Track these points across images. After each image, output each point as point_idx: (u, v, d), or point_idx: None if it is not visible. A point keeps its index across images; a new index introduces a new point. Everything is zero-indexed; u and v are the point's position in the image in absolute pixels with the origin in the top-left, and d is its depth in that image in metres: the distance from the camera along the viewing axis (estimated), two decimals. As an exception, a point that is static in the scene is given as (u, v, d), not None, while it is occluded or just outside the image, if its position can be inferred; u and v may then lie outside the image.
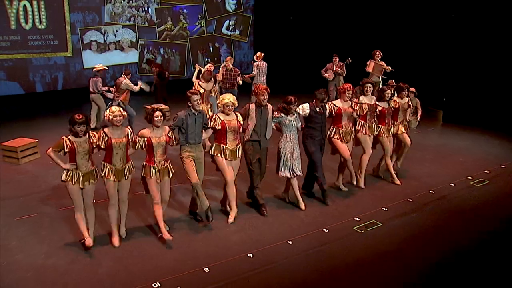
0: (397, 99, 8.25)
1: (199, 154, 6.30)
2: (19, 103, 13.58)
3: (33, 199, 7.15)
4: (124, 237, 6.00)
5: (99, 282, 5.07)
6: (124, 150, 5.77)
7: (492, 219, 6.94)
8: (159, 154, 5.91)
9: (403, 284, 5.28)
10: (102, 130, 5.72)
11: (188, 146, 6.18)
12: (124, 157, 5.78)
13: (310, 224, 6.54)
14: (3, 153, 8.88)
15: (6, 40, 13.49)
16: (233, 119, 6.43)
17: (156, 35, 16.24)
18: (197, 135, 6.20)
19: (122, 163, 5.76)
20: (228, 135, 6.40)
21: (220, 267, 5.39)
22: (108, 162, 5.73)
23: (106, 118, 5.72)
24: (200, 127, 6.25)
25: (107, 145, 5.65)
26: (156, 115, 5.83)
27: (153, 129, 5.89)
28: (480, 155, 9.83)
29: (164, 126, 6.02)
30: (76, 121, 5.39)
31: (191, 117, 6.14)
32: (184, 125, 6.11)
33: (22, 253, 5.63)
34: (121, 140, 5.70)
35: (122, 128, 5.77)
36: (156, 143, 5.85)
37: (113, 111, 5.68)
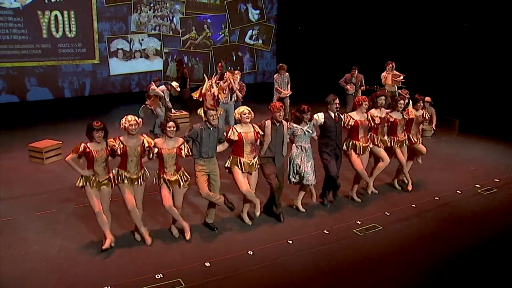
0: (413, 111, 8.23)
1: (212, 167, 6.35)
2: (48, 108, 14.21)
3: (53, 196, 7.60)
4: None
5: (107, 272, 5.46)
6: (138, 158, 5.94)
7: (494, 227, 7.00)
8: (169, 165, 6.06)
9: (397, 286, 5.47)
10: (118, 138, 5.89)
11: (201, 160, 6.26)
12: (138, 164, 5.96)
13: (312, 225, 6.79)
14: (30, 154, 9.41)
15: (38, 48, 14.19)
16: (250, 131, 6.48)
17: (181, 44, 16.75)
18: (210, 149, 6.28)
19: (136, 170, 5.97)
20: (245, 147, 6.45)
21: (220, 262, 5.71)
22: (123, 169, 5.94)
23: (121, 127, 5.86)
24: (215, 141, 6.33)
25: (122, 151, 5.84)
26: (169, 125, 5.96)
27: (165, 139, 6.05)
28: (491, 164, 9.84)
29: (178, 138, 6.14)
30: (94, 128, 5.59)
31: (206, 131, 6.22)
32: (198, 138, 6.20)
33: (38, 244, 6.07)
34: (136, 147, 5.90)
35: (138, 136, 5.94)
36: (167, 154, 6.00)
37: (129, 119, 5.83)
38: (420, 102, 8.30)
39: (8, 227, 6.54)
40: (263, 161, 6.73)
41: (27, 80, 14.12)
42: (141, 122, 5.98)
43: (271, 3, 18.49)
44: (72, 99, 14.88)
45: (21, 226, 6.58)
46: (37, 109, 13.96)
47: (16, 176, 8.53)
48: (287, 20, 18.43)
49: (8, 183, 8.13)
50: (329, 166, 7.16)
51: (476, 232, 6.83)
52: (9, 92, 13.93)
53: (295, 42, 17.97)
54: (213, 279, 5.37)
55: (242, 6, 17.83)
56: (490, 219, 7.28)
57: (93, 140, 5.67)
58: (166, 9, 16.25)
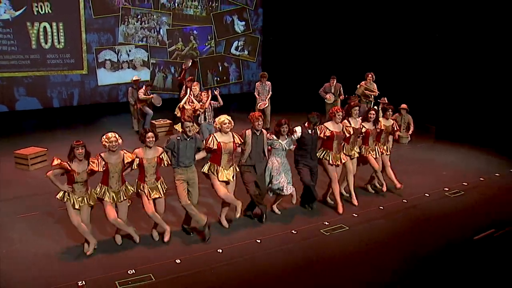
0: (382, 120, 8.50)
1: (190, 175, 6.56)
2: (37, 117, 14.50)
3: (36, 200, 7.93)
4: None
5: (82, 268, 5.81)
6: (119, 174, 6.14)
7: (458, 228, 7.32)
8: (149, 174, 6.29)
9: (359, 284, 5.77)
10: (99, 155, 6.05)
11: (180, 168, 6.49)
12: (119, 179, 6.17)
13: (281, 226, 7.15)
14: (16, 160, 9.73)
15: (27, 58, 14.50)
16: (230, 141, 6.71)
17: (167, 55, 17.13)
18: (187, 159, 6.49)
19: (118, 186, 6.18)
20: (223, 156, 6.67)
21: (190, 259, 6.06)
22: (105, 185, 6.14)
23: (102, 144, 6.05)
24: (192, 151, 6.54)
25: (104, 169, 6.02)
26: (148, 136, 6.20)
27: (145, 149, 6.27)
28: (463, 168, 10.21)
29: (157, 147, 6.37)
30: (74, 146, 5.78)
31: (183, 142, 6.45)
32: (175, 149, 6.42)
33: (20, 243, 6.42)
34: (117, 164, 6.09)
35: (118, 153, 6.13)
36: (147, 164, 6.24)
37: (109, 137, 6.00)
38: (389, 111, 8.61)
39: None
40: (244, 169, 7.00)
41: (16, 90, 14.43)
42: (121, 140, 6.17)
43: (257, 15, 18.92)
44: (60, 109, 15.17)
45: (4, 227, 6.91)
46: (26, 118, 14.27)
47: (1, 181, 8.85)
48: (272, 31, 18.85)
49: None
50: (303, 173, 7.43)
51: (440, 233, 7.15)
52: (-2, 102, 14.25)
53: (280, 53, 18.39)
54: (182, 275, 5.72)
55: (228, 18, 18.26)
56: (455, 221, 7.62)
57: (75, 159, 5.85)
58: (153, 21, 16.65)
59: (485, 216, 7.79)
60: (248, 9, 18.65)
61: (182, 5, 17.17)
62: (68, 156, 5.87)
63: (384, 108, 8.79)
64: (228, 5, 18.18)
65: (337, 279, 5.84)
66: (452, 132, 12.85)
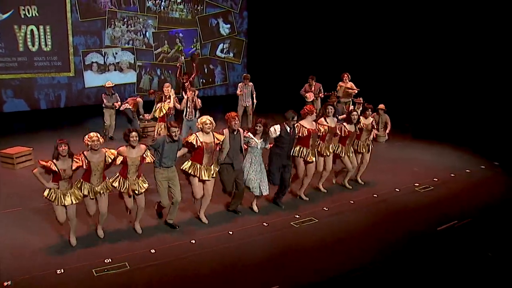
0: (362, 119, 8.84)
1: (171, 175, 6.88)
2: (24, 119, 14.77)
3: (21, 197, 8.23)
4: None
5: (62, 258, 6.15)
6: (101, 172, 6.41)
7: (424, 220, 7.67)
8: (132, 172, 6.58)
9: (324, 272, 6.10)
10: (82, 153, 6.30)
11: (161, 168, 6.80)
12: (101, 177, 6.44)
13: (254, 219, 7.51)
14: (1, 159, 10.04)
15: (14, 61, 14.81)
16: (211, 141, 7.01)
17: (153, 57, 17.47)
18: (170, 160, 6.81)
19: (99, 183, 6.46)
20: (205, 155, 6.97)
21: (164, 249, 6.41)
22: (86, 181, 6.40)
23: (85, 144, 6.32)
24: (175, 153, 6.86)
25: (87, 167, 6.31)
26: (132, 135, 6.44)
27: (129, 148, 6.54)
28: (435, 165, 10.52)
29: (141, 145, 6.64)
30: (58, 144, 6.02)
31: (168, 144, 6.76)
32: (160, 149, 6.72)
33: (3, 236, 6.74)
34: (99, 162, 6.36)
35: (100, 152, 6.39)
36: (131, 162, 6.51)
37: (91, 136, 6.26)
38: (369, 111, 8.98)
39: None
40: (222, 167, 7.32)
41: (3, 92, 14.73)
42: (103, 140, 6.47)
43: (242, 18, 19.31)
44: (47, 111, 15.46)
45: (-11, 223, 7.24)
46: (13, 120, 14.55)
47: (-13, 180, 9.18)
48: (257, 34, 19.23)
49: None
50: (273, 175, 7.75)
51: (407, 225, 7.51)
52: (-14, 104, 14.54)
53: (265, 55, 18.76)
54: (156, 263, 6.07)
55: (213, 20, 18.64)
56: (422, 213, 7.96)
57: (60, 156, 6.14)
58: (139, 24, 16.99)
59: (451, 209, 8.14)
60: (233, 12, 19.03)
61: (168, 8, 17.53)
62: (53, 156, 6.12)
63: (364, 108, 9.13)
64: (213, 8, 18.57)
65: (304, 267, 6.18)
66: (429, 131, 13.28)
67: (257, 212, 7.81)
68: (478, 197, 8.81)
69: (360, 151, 8.98)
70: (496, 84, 12.90)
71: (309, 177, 8.26)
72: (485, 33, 12.97)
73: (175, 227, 7.13)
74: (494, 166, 10.58)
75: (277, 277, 5.89)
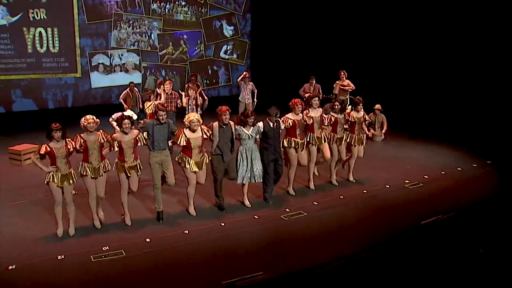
0: (354, 113, 9.20)
1: (164, 158, 7.34)
2: (32, 118, 15.24)
3: (26, 190, 8.68)
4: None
5: (62, 246, 6.59)
6: (98, 151, 6.89)
7: (409, 215, 7.94)
8: (128, 154, 7.13)
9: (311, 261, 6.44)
10: (78, 135, 6.86)
11: (154, 151, 7.29)
12: (98, 156, 6.93)
13: (246, 212, 7.89)
14: (9, 156, 10.52)
15: (23, 62, 15.31)
16: (198, 136, 7.41)
17: (158, 58, 17.91)
18: (162, 142, 7.26)
19: (97, 162, 6.97)
20: (193, 150, 7.38)
21: (159, 239, 6.83)
22: (86, 162, 6.93)
23: (81, 125, 6.86)
24: (165, 135, 7.30)
25: (84, 147, 6.82)
26: (124, 122, 6.99)
27: (122, 134, 7.06)
28: (428, 163, 10.72)
29: (133, 130, 7.15)
30: (53, 128, 6.55)
31: (157, 126, 7.24)
32: (150, 131, 7.20)
33: (8, 226, 7.22)
34: (95, 142, 6.89)
35: (95, 133, 6.90)
36: (126, 146, 7.04)
37: (87, 118, 6.79)
38: (360, 105, 9.27)
39: None
40: (213, 158, 7.72)
41: (12, 92, 15.24)
42: (98, 121, 7.00)
43: (245, 20, 19.69)
44: (55, 110, 15.89)
45: (-5, 213, 7.72)
46: (22, 118, 15.08)
47: (-5, 174, 9.66)
48: (260, 35, 19.58)
49: None
50: (267, 167, 8.13)
51: (393, 220, 7.80)
52: (-4, 103, 15.07)
53: (268, 56, 19.12)
54: (151, 251, 6.50)
55: (217, 22, 19.03)
56: (409, 208, 8.26)
57: (53, 140, 6.65)
58: (145, 26, 17.43)
59: (437, 204, 8.41)
60: (237, 14, 19.42)
61: (173, 11, 17.96)
62: (47, 137, 6.65)
63: (355, 102, 9.43)
64: (217, 11, 18.95)
65: (290, 256, 6.56)
66: (425, 130, 13.55)
67: (249, 207, 8.16)
68: (465, 193, 9.04)
69: (354, 144, 9.24)
70: (492, 84, 13.19)
71: (292, 167, 8.59)
72: (481, 34, 13.28)
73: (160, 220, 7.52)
74: (486, 165, 10.78)
75: (264, 264, 6.25)
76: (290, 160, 8.56)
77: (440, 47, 14.01)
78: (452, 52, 13.69)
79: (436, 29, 14.16)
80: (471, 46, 13.44)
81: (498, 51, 13.01)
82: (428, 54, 14.33)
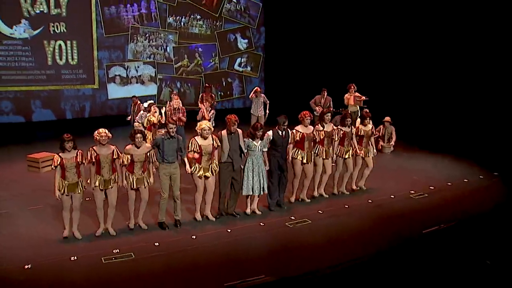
0: (361, 126, 9.50)
1: (173, 170, 7.62)
2: (51, 128, 15.69)
3: (43, 196, 9.06)
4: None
5: (75, 247, 6.98)
6: (110, 164, 7.17)
7: (412, 225, 8.11)
8: (138, 167, 7.41)
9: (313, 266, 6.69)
10: (91, 148, 7.14)
11: (164, 163, 7.58)
12: (110, 169, 7.22)
13: (252, 219, 8.17)
14: (28, 163, 10.97)
15: (43, 73, 15.87)
16: (209, 143, 7.72)
17: (174, 71, 18.35)
18: (171, 156, 7.55)
19: (109, 174, 7.24)
20: (203, 156, 7.70)
21: (167, 243, 7.14)
22: (97, 174, 7.17)
23: (94, 138, 7.18)
24: (175, 149, 7.58)
25: (96, 159, 7.13)
26: (137, 136, 7.27)
27: (134, 147, 7.33)
28: (435, 175, 10.83)
29: (145, 144, 7.50)
30: (65, 139, 6.89)
31: (167, 140, 7.56)
32: (161, 146, 7.51)
33: (25, 228, 7.65)
34: (107, 155, 7.17)
35: (108, 146, 7.21)
36: (136, 159, 7.31)
37: (100, 132, 7.10)
38: (368, 119, 9.55)
39: (3, 216, 8.15)
40: (222, 166, 7.99)
41: (32, 103, 15.80)
42: (110, 135, 7.32)
43: (259, 33, 20.07)
44: (73, 120, 16.41)
45: (14, 216, 8.17)
46: (41, 128, 15.62)
47: (16, 180, 10.18)
48: (273, 48, 19.93)
49: (7, 186, 9.79)
50: (273, 174, 8.43)
51: (396, 228, 8.00)
52: (16, 113, 15.63)
53: (281, 68, 19.43)
54: (159, 254, 6.81)
55: (232, 36, 19.44)
56: (413, 218, 8.42)
57: (65, 150, 6.99)
58: (161, 39, 17.91)
59: (441, 214, 8.57)
60: (251, 28, 19.81)
61: (188, 24, 18.42)
62: (60, 147, 6.99)
63: (362, 116, 9.68)
64: (231, 24, 19.37)
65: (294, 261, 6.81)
66: (434, 142, 13.70)
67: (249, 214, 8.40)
68: (469, 203, 9.18)
69: (365, 156, 9.49)
70: (501, 97, 13.32)
71: (308, 178, 8.89)
72: (488, 47, 13.45)
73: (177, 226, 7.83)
74: (493, 176, 10.85)
75: (267, 268, 6.50)
76: (295, 171, 8.81)
77: (449, 61, 14.21)
78: (462, 65, 13.87)
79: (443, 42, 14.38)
80: (481, 60, 13.62)
81: (509, 65, 13.15)
82: (438, 68, 14.54)
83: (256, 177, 8.10)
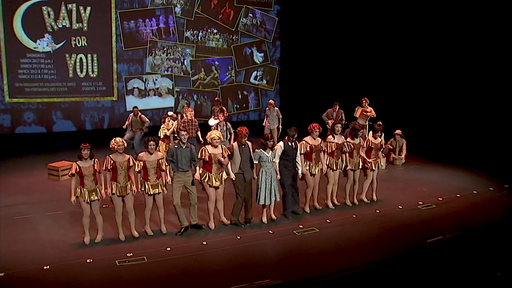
0: (371, 139, 9.71)
1: (187, 179, 7.97)
2: (71, 138, 16.16)
3: (62, 202, 9.40)
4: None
5: (91, 250, 7.36)
6: (125, 171, 7.59)
7: (418, 235, 8.26)
8: (152, 174, 7.80)
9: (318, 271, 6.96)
10: (108, 156, 7.55)
11: (178, 172, 7.89)
12: (126, 176, 7.62)
13: (261, 227, 8.45)
14: (48, 172, 11.42)
15: (65, 86, 16.44)
16: (219, 152, 7.98)
17: (191, 83, 18.78)
18: (184, 164, 7.89)
19: (125, 181, 7.68)
20: (213, 165, 7.99)
21: (179, 248, 7.46)
22: (114, 181, 7.58)
23: (111, 147, 7.59)
24: (188, 158, 7.89)
25: (113, 167, 7.56)
26: (150, 144, 7.68)
27: (147, 154, 7.75)
28: (444, 186, 10.91)
29: (158, 152, 7.89)
30: (82, 148, 7.33)
31: (180, 149, 7.87)
32: (174, 156, 7.84)
33: (45, 232, 8.07)
34: (123, 162, 7.59)
35: (124, 154, 7.64)
36: (150, 166, 7.71)
37: (117, 141, 7.51)
38: (379, 132, 9.76)
39: (25, 221, 8.60)
40: (237, 176, 8.28)
41: (53, 114, 16.38)
42: (126, 144, 7.76)
43: (275, 47, 20.41)
44: (92, 131, 16.90)
45: (35, 221, 8.60)
46: (61, 138, 16.16)
47: (37, 188, 10.65)
48: (289, 62, 20.23)
49: (28, 193, 10.28)
50: (286, 184, 8.74)
51: (402, 238, 8.16)
52: (38, 124, 16.22)
53: (297, 82, 19.75)
54: (171, 258, 7.14)
55: (248, 49, 19.83)
56: (419, 228, 8.58)
57: (82, 158, 7.39)
58: (178, 53, 18.38)
59: (447, 225, 8.72)
60: (267, 42, 20.17)
61: (205, 38, 18.86)
62: (78, 156, 7.41)
63: (374, 129, 9.91)
64: (247, 38, 19.75)
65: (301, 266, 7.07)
66: (446, 154, 13.82)
67: (265, 223, 8.66)
68: (477, 215, 9.28)
69: (370, 168, 9.68)
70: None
71: (310, 188, 9.13)
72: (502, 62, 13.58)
73: (200, 227, 8.19)
74: (503, 188, 10.90)
75: (274, 273, 6.78)
76: (306, 181, 9.08)
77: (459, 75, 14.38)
78: (473, 79, 14.03)
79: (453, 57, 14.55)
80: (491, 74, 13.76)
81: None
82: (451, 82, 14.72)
83: (269, 186, 8.38)
